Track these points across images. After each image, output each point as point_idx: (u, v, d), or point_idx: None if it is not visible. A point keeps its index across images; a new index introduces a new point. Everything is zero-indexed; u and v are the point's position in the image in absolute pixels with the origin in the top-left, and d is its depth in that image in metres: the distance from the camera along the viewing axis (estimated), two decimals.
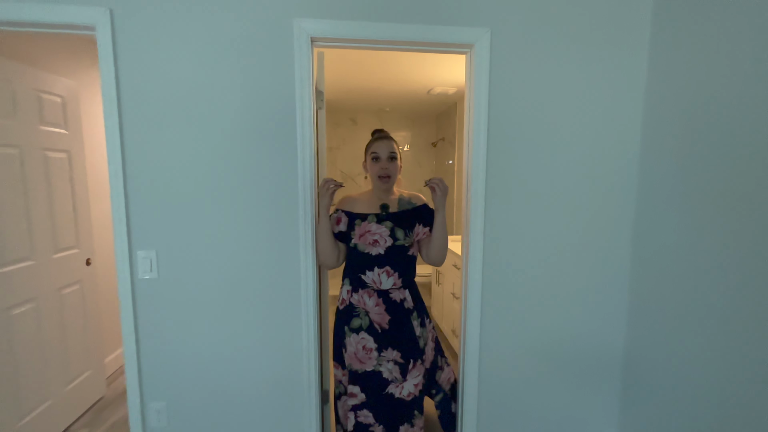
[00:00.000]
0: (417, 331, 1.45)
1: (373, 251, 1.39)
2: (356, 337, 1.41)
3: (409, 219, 1.43)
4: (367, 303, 1.41)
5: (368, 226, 1.39)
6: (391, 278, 1.39)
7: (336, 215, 1.45)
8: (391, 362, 1.41)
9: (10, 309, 1.62)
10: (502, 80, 1.48)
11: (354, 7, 1.38)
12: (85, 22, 1.28)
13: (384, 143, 1.41)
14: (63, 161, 1.93)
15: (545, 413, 1.67)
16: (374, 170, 1.41)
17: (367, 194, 1.50)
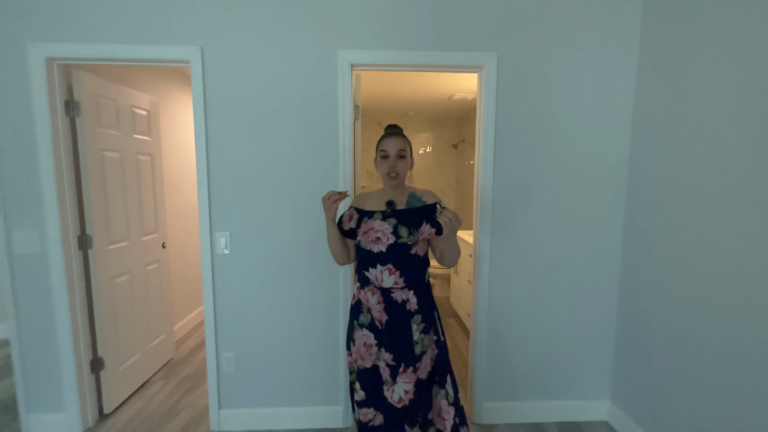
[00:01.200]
0: (415, 335, 1.34)
1: (374, 248, 1.34)
2: (360, 333, 1.39)
3: (416, 217, 1.35)
4: (370, 300, 1.37)
5: (372, 223, 1.35)
6: (392, 276, 1.33)
7: (348, 212, 1.45)
8: (383, 362, 1.36)
9: (114, 278, 2.07)
10: (507, 93, 1.78)
11: (385, 39, 1.73)
12: (183, 57, 1.69)
13: (393, 140, 1.37)
14: (147, 163, 2.39)
15: (544, 383, 1.95)
16: (383, 168, 1.37)
17: (378, 192, 1.47)
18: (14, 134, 1.70)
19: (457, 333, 3.10)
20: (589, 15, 1.75)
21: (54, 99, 1.71)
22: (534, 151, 1.82)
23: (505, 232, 1.86)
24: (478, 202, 1.86)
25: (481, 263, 1.87)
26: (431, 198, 1.42)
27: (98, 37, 1.67)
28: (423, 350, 1.36)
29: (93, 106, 1.90)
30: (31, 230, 1.74)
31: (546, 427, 1.91)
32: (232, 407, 1.89)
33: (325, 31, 1.72)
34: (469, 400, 1.99)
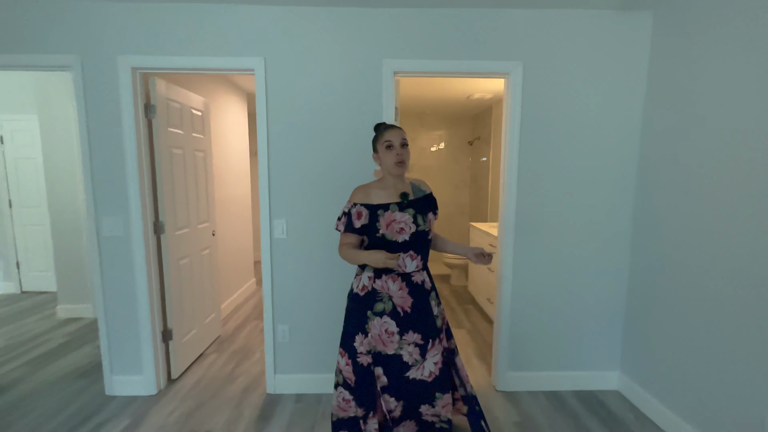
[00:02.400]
0: (435, 310, 1.51)
1: (399, 238, 1.43)
2: (380, 321, 1.45)
3: (426, 205, 1.50)
4: (390, 288, 1.45)
5: (393, 215, 1.43)
6: (414, 261, 1.46)
7: (356, 210, 1.47)
8: (411, 345, 1.44)
9: (179, 260, 2.34)
10: (530, 97, 2.01)
11: (423, 49, 1.96)
12: (249, 66, 1.94)
13: (396, 131, 1.47)
14: (201, 158, 2.66)
15: (560, 355, 2.18)
16: (389, 158, 1.45)
17: (380, 184, 1.51)
18: (104, 134, 1.97)
19: (476, 317, 3.35)
20: (602, 26, 1.97)
21: (137, 103, 1.98)
22: (554, 149, 2.05)
23: (526, 222, 2.09)
24: (504, 195, 2.09)
25: (505, 251, 2.11)
26: (427, 187, 1.60)
27: (176, 50, 1.92)
28: (441, 321, 1.56)
29: (164, 108, 2.17)
30: (116, 217, 2.02)
31: (562, 395, 2.15)
32: (285, 372, 2.16)
33: (371, 42, 1.96)
34: (494, 370, 2.23)
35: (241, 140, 3.79)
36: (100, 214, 2.02)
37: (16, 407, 2.02)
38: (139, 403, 2.06)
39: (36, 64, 1.90)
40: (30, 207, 3.76)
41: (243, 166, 3.84)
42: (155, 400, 2.08)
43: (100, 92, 1.94)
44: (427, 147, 5.29)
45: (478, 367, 2.45)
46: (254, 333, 3.00)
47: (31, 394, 2.15)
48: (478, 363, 2.52)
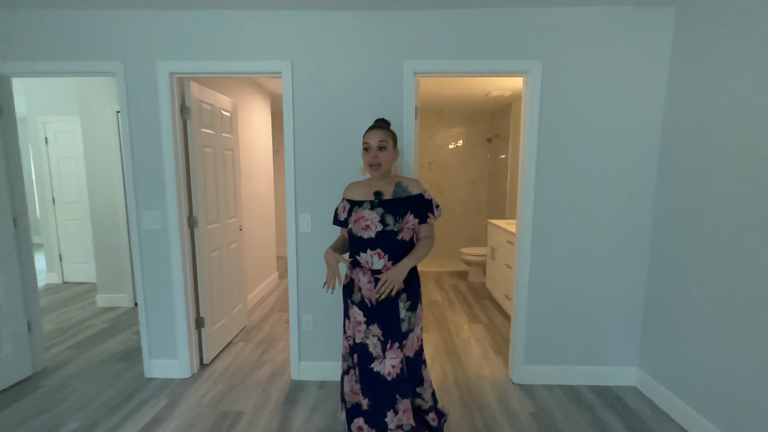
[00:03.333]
0: (402, 313, 1.47)
1: (365, 235, 1.46)
2: (354, 310, 1.53)
3: (401, 206, 1.48)
4: (361, 279, 1.50)
5: (362, 212, 1.48)
6: (381, 260, 1.46)
7: (342, 204, 1.60)
8: (374, 337, 1.47)
9: (210, 252, 2.49)
10: (549, 94, 2.04)
11: (443, 50, 2.02)
12: (276, 69, 2.05)
13: (374, 133, 1.49)
14: (230, 157, 2.80)
15: (576, 350, 2.21)
16: (365, 159, 1.50)
17: (367, 181, 1.60)
18: (144, 135, 2.12)
19: (492, 312, 3.39)
20: (622, 22, 1.97)
21: (173, 105, 2.12)
22: (573, 145, 2.07)
23: (544, 217, 2.12)
24: (523, 191, 2.13)
25: (523, 246, 2.15)
26: (417, 188, 1.54)
27: (209, 55, 2.05)
28: (410, 328, 1.49)
29: (197, 109, 2.31)
30: (155, 211, 2.17)
31: (578, 389, 2.18)
32: (309, 360, 2.27)
33: (392, 44, 2.03)
34: (511, 363, 2.28)
35: (265, 139, 3.94)
36: (141, 208, 2.17)
37: (65, 386, 2.21)
38: (174, 385, 2.22)
39: (84, 70, 2.07)
40: (71, 203, 4.03)
41: (266, 164, 3.99)
42: (189, 383, 2.23)
43: (141, 96, 2.09)
44: (445, 144, 5.33)
45: (495, 361, 2.50)
46: (278, 323, 3.14)
47: (78, 374, 2.34)
48: (495, 357, 2.56)
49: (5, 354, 2.15)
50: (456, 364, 2.46)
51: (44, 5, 1.96)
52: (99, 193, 3.43)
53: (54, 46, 2.05)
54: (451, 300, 3.72)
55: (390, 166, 1.53)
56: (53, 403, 2.03)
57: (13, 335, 2.19)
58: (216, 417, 1.92)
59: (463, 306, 3.55)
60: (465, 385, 2.21)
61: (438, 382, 2.25)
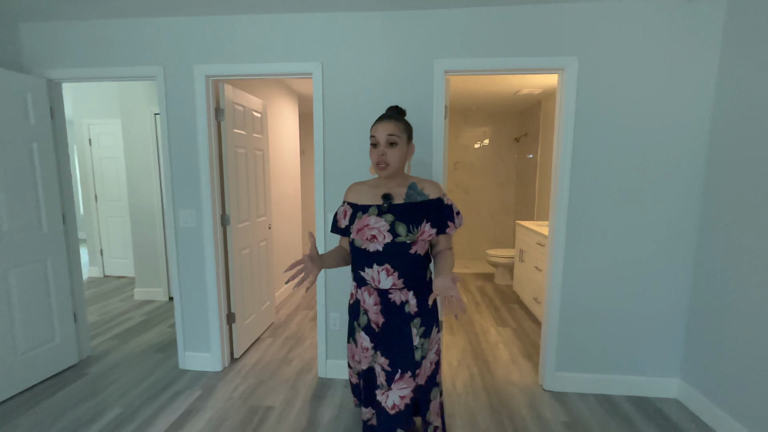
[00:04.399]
0: (415, 340, 1.25)
1: (370, 247, 1.22)
2: (360, 335, 1.34)
3: (415, 213, 1.22)
4: (366, 301, 1.29)
5: (367, 220, 1.22)
6: (390, 278, 1.22)
7: (342, 208, 1.34)
8: (379, 366, 1.28)
9: (241, 250, 2.56)
10: (586, 92, 1.96)
11: (474, 48, 1.99)
12: (307, 71, 2.08)
13: (382, 126, 1.21)
14: (260, 157, 2.87)
15: (614, 358, 2.11)
16: (372, 157, 1.23)
17: (374, 181, 1.33)
18: (182, 136, 2.20)
19: (521, 316, 3.30)
20: (667, 15, 1.87)
21: (209, 107, 2.19)
22: (611, 145, 1.98)
23: (579, 219, 2.04)
24: (556, 192, 2.06)
25: (555, 249, 2.08)
26: (434, 191, 1.27)
27: (243, 58, 2.11)
28: (423, 355, 1.27)
29: (231, 111, 2.38)
30: (191, 210, 2.25)
31: (615, 400, 2.09)
32: (336, 358, 2.29)
33: (423, 43, 2.01)
34: (541, 369, 2.21)
35: (292, 139, 4.01)
36: (177, 206, 2.26)
37: (108, 374, 2.33)
38: (207, 377, 2.29)
39: (128, 75, 2.17)
40: (112, 201, 4.25)
41: (294, 164, 4.06)
42: (221, 376, 2.30)
43: (179, 98, 2.17)
44: (471, 144, 5.24)
45: (524, 366, 2.44)
46: (305, 321, 3.19)
47: (118, 363, 2.46)
48: (524, 362, 2.50)
49: (55, 343, 2.30)
50: (484, 369, 2.41)
51: (92, 16, 2.08)
52: (137, 191, 3.60)
53: (100, 52, 2.17)
54: (477, 302, 3.66)
55: (402, 165, 1.25)
56: (97, 390, 2.15)
57: (62, 325, 2.33)
58: (247, 411, 1.97)
59: (490, 309, 3.48)
60: (494, 390, 2.16)
61: (466, 385, 2.21)
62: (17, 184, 2.07)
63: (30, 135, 2.13)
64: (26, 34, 2.19)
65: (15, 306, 2.08)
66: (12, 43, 2.16)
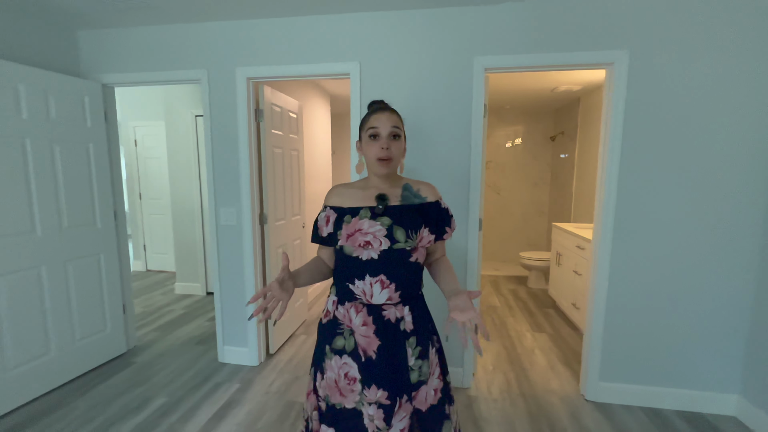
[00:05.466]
0: (410, 361, 1.08)
1: (363, 255, 1.06)
2: (338, 361, 1.08)
3: (413, 216, 1.08)
4: (353, 320, 1.08)
5: (359, 224, 1.06)
6: (385, 291, 1.05)
7: (324, 214, 1.14)
8: (374, 405, 1.04)
9: (278, 247, 2.62)
10: (637, 88, 1.85)
11: (516, 44, 1.92)
12: (345, 71, 2.09)
13: (385, 116, 1.08)
14: (296, 157, 2.92)
15: (663, 369, 1.99)
16: (372, 150, 1.07)
17: (362, 182, 1.16)
18: (223, 136, 2.28)
19: (558, 322, 3.18)
20: (730, 3, 1.73)
21: (249, 108, 2.25)
22: (664, 143, 1.86)
23: (626, 222, 1.94)
24: (602, 194, 1.96)
25: (600, 254, 1.98)
26: (431, 193, 1.15)
27: (282, 59, 2.15)
28: (423, 380, 1.08)
29: (269, 112, 2.43)
30: (231, 208, 2.33)
31: (665, 414, 1.96)
32: None
33: (462, 41, 1.97)
34: (583, 378, 2.12)
35: (325, 139, 4.06)
36: (219, 204, 2.34)
37: (153, 363, 2.45)
38: (245, 371, 2.36)
39: (175, 78, 2.27)
40: (154, 199, 4.47)
41: (325, 164, 4.11)
42: (258, 371, 2.36)
43: (221, 100, 2.25)
44: (503, 143, 5.11)
45: (564, 374, 2.34)
46: None
47: (162, 354, 2.58)
48: (563, 369, 2.40)
49: (106, 332, 2.44)
50: (520, 375, 2.34)
51: (142, 23, 2.18)
52: (179, 190, 3.77)
53: (149, 58, 2.28)
54: (511, 306, 3.56)
55: (399, 164, 1.14)
56: (144, 379, 2.26)
57: (112, 316, 2.47)
58: (283, 406, 2.01)
59: (524, 313, 3.38)
60: (532, 398, 2.09)
61: (502, 391, 2.16)
62: (76, 182, 2.21)
63: (87, 136, 2.27)
64: (84, 41, 2.34)
65: (72, 296, 2.22)
66: (71, 51, 2.31)
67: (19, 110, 1.93)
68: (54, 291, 2.11)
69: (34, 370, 2.02)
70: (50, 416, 1.91)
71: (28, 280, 1.99)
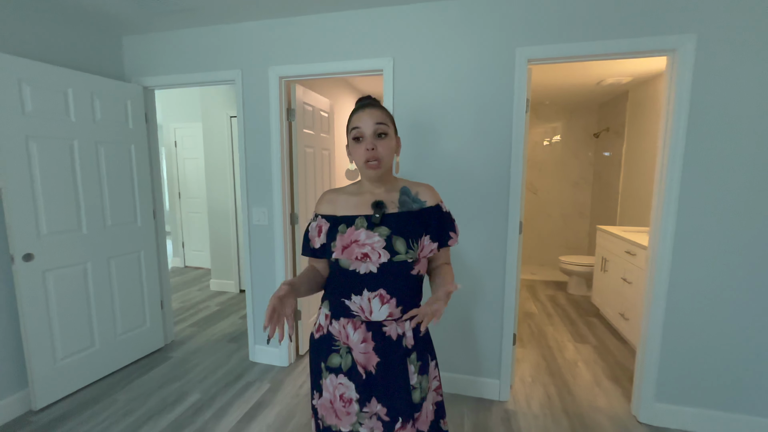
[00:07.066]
0: (413, 378, 1.02)
1: (361, 269, 0.98)
2: (334, 380, 1.03)
3: (413, 224, 1.00)
4: (350, 337, 1.01)
5: (355, 234, 0.98)
6: (386, 306, 0.98)
7: (316, 223, 1.06)
8: (373, 418, 1.01)
9: None
10: (706, 77, 1.65)
11: (562, 32, 1.77)
12: (378, 67, 2.02)
13: (368, 113, 0.98)
14: (326, 156, 2.89)
15: (736, 393, 1.77)
16: (358, 153, 0.99)
17: (355, 187, 1.07)
18: (256, 136, 2.28)
19: (602, 332, 2.95)
20: None
21: (281, 108, 2.24)
22: (737, 138, 1.65)
23: (692, 226, 1.73)
24: (661, 195, 1.77)
25: (659, 262, 1.79)
26: (431, 196, 1.05)
27: (313, 57, 2.11)
28: (423, 396, 1.03)
29: (301, 111, 2.41)
30: (263, 207, 2.33)
31: None
32: None
33: (503, 31, 1.85)
34: (635, 397, 1.93)
35: None
36: (251, 204, 2.35)
37: (189, 359, 2.50)
38: (275, 371, 2.36)
39: (211, 80, 2.30)
40: (192, 198, 4.63)
41: None
42: (288, 372, 2.36)
43: (254, 100, 2.25)
44: (540, 141, 4.86)
45: (612, 391, 2.15)
46: None
47: (198, 349, 2.64)
48: (611, 385, 2.21)
49: (146, 327, 2.52)
50: (562, 389, 2.18)
51: (180, 26, 2.23)
52: (214, 190, 3.87)
53: (186, 60, 2.32)
54: (549, 313, 3.36)
55: (391, 164, 1.03)
56: (181, 374, 2.32)
57: (151, 311, 2.55)
58: None
59: (565, 321, 3.17)
60: (576, 416, 1.93)
61: (543, 406, 2.01)
62: (118, 182, 2.29)
63: (129, 138, 2.35)
64: (128, 46, 2.43)
65: (115, 292, 2.31)
66: (117, 55, 2.40)
67: (68, 113, 2.02)
68: (98, 286, 2.20)
69: (80, 361, 2.12)
70: (94, 407, 1.99)
71: (76, 275, 2.09)
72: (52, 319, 1.98)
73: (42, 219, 1.92)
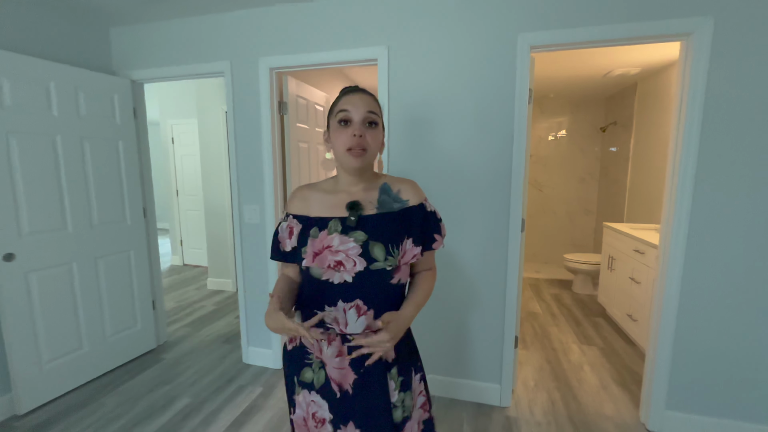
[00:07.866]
0: (394, 396, 0.92)
1: (334, 278, 0.88)
2: (307, 396, 0.94)
3: (394, 227, 0.89)
4: (324, 351, 0.91)
5: (328, 240, 0.87)
6: (362, 318, 0.89)
7: (287, 224, 0.95)
8: None
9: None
10: (723, 64, 1.53)
11: (569, 15, 1.66)
12: (372, 56, 1.92)
13: (358, 97, 0.89)
14: (322, 152, 2.79)
15: (752, 403, 1.66)
16: (341, 139, 0.87)
17: (330, 183, 0.97)
18: (247, 131, 2.19)
19: (609, 334, 2.85)
20: None
21: (272, 101, 2.14)
22: (754, 133, 1.53)
23: (705, 223, 1.62)
24: (673, 192, 1.66)
25: (671, 262, 1.67)
26: (414, 194, 0.94)
27: (305, 47, 2.01)
28: (407, 415, 0.94)
29: (294, 105, 2.32)
30: (255, 205, 2.24)
31: None
32: None
33: (504, 15, 1.74)
34: (644, 404, 1.83)
35: None
36: (242, 202, 2.26)
37: (181, 361, 2.44)
38: (268, 374, 2.28)
39: (200, 72, 2.21)
40: (190, 195, 4.57)
41: None
42: (281, 374, 2.28)
43: (244, 93, 2.16)
44: (545, 136, 4.73)
45: (620, 396, 2.05)
46: None
47: (191, 351, 2.57)
48: (619, 390, 2.10)
49: (137, 328, 2.46)
50: (567, 394, 2.08)
51: (168, 16, 2.13)
52: (211, 186, 3.79)
53: (175, 52, 2.23)
54: (554, 313, 3.25)
55: (374, 159, 0.92)
56: (171, 377, 2.25)
57: (142, 312, 2.49)
58: None
59: (570, 322, 3.07)
60: (582, 423, 1.83)
61: (546, 413, 1.91)
62: (106, 179, 2.22)
63: (116, 134, 2.27)
64: (115, 38, 2.34)
65: (104, 292, 2.24)
66: (104, 48, 2.32)
67: (50, 107, 1.94)
68: (85, 287, 2.13)
69: (67, 364, 2.06)
70: (80, 411, 1.92)
71: (61, 275, 2.02)
72: (36, 322, 1.91)
73: (24, 217, 1.85)
